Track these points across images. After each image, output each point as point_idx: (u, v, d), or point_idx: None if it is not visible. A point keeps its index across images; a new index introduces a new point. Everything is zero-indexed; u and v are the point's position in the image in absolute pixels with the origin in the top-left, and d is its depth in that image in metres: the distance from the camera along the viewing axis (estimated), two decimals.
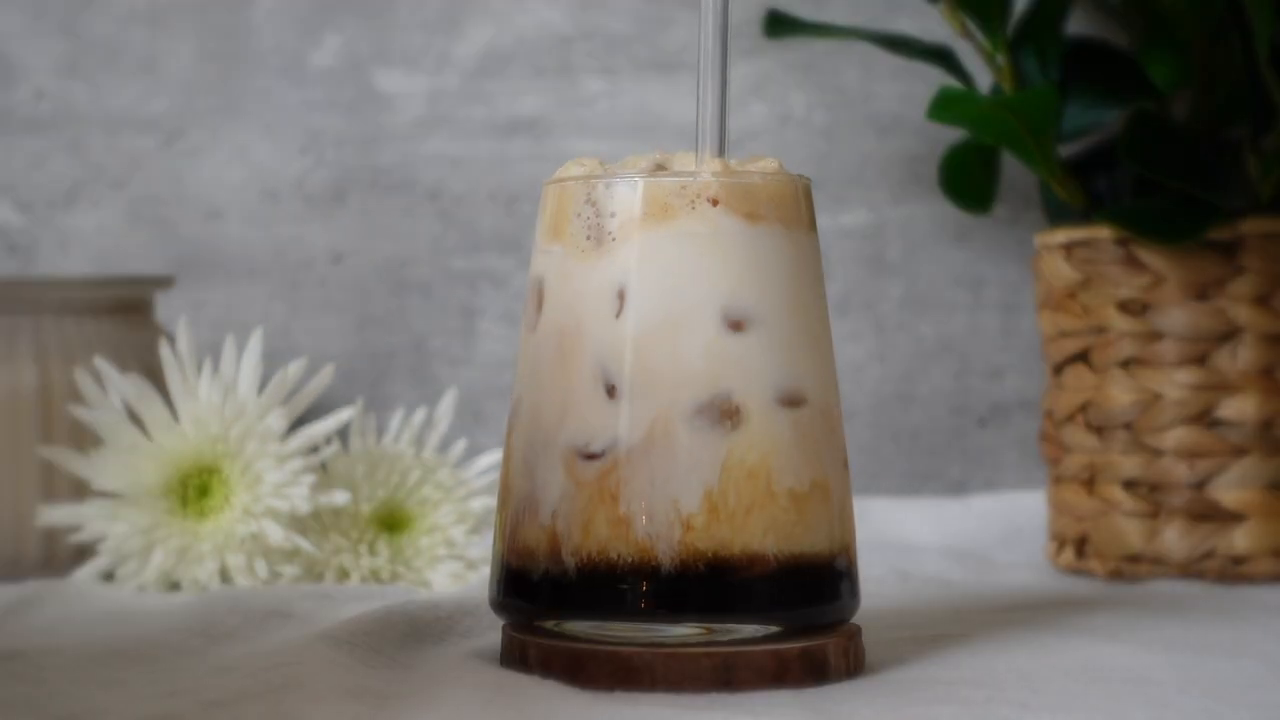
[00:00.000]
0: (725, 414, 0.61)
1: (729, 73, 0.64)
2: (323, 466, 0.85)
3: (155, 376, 0.86)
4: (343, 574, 0.84)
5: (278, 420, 0.83)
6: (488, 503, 0.86)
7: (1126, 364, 0.90)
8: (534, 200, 1.07)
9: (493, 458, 0.87)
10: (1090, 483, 0.91)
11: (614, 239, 0.62)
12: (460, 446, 0.89)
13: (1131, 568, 0.90)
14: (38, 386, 0.89)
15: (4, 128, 1.08)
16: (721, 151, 0.63)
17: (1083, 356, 0.92)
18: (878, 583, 0.83)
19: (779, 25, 1.00)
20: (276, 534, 0.81)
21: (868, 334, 1.08)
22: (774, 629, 0.62)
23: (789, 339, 0.62)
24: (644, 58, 1.08)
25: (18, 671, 0.63)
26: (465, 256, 1.08)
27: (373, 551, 0.84)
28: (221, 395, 0.84)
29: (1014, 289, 1.08)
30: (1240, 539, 0.88)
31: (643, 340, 0.61)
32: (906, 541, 1.00)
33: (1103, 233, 0.90)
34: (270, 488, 0.82)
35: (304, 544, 0.82)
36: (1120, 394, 0.90)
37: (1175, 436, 0.89)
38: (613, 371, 0.61)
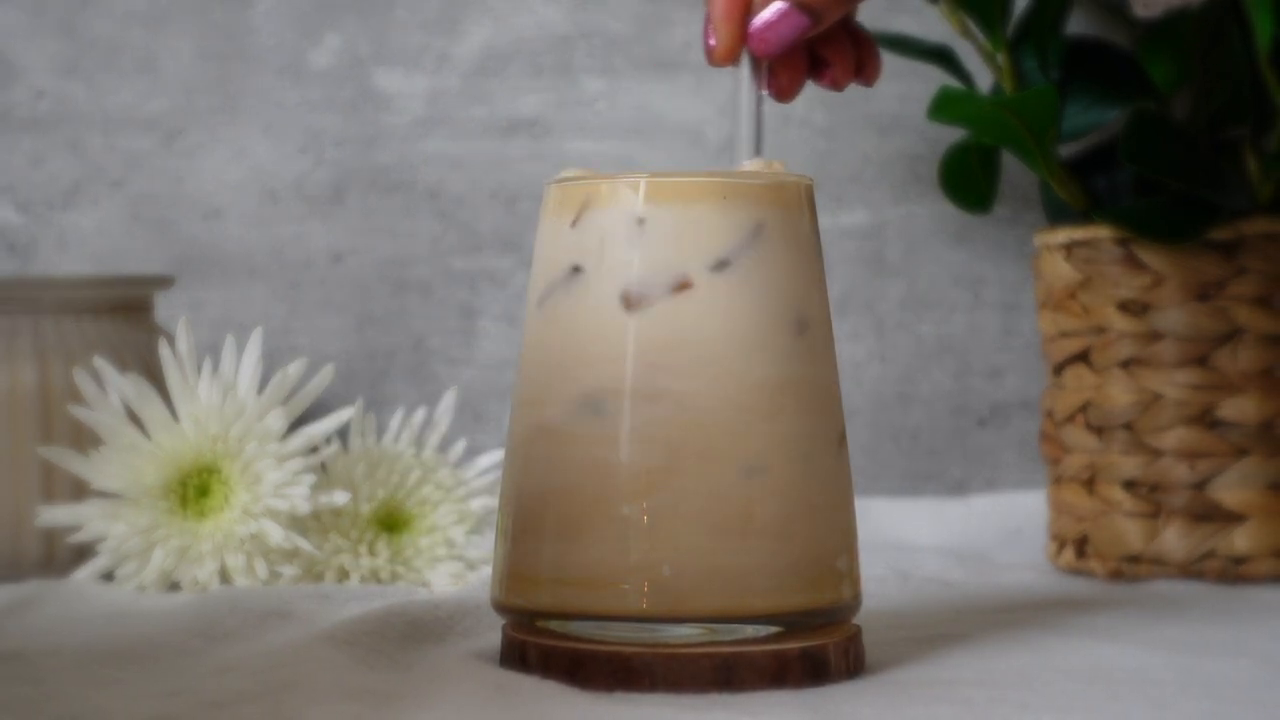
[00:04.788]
0: None
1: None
2: (322, 466, 0.85)
3: (155, 376, 0.86)
4: (342, 574, 0.84)
5: (277, 420, 0.83)
6: (488, 503, 0.86)
7: (1127, 364, 0.90)
8: (534, 200, 1.06)
9: (493, 457, 0.87)
10: (1090, 483, 0.91)
11: None
12: (460, 446, 0.88)
13: (1132, 568, 0.90)
14: (37, 386, 0.89)
15: (3, 127, 1.08)
16: (758, 153, 0.65)
17: (1083, 356, 0.92)
18: (878, 583, 0.83)
19: None
20: (276, 534, 0.81)
21: (868, 334, 1.08)
22: (774, 629, 0.62)
23: None
24: (644, 58, 1.08)
25: (17, 672, 0.63)
26: (465, 256, 1.08)
27: (372, 552, 0.84)
28: (221, 395, 0.84)
29: (1014, 289, 1.08)
30: (1241, 539, 0.88)
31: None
32: (907, 542, 1.00)
33: (1103, 233, 0.90)
34: (270, 488, 0.82)
35: (304, 544, 0.82)
36: (1120, 394, 0.90)
37: (1175, 437, 0.89)
38: None
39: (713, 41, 0.66)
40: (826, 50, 0.69)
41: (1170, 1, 0.61)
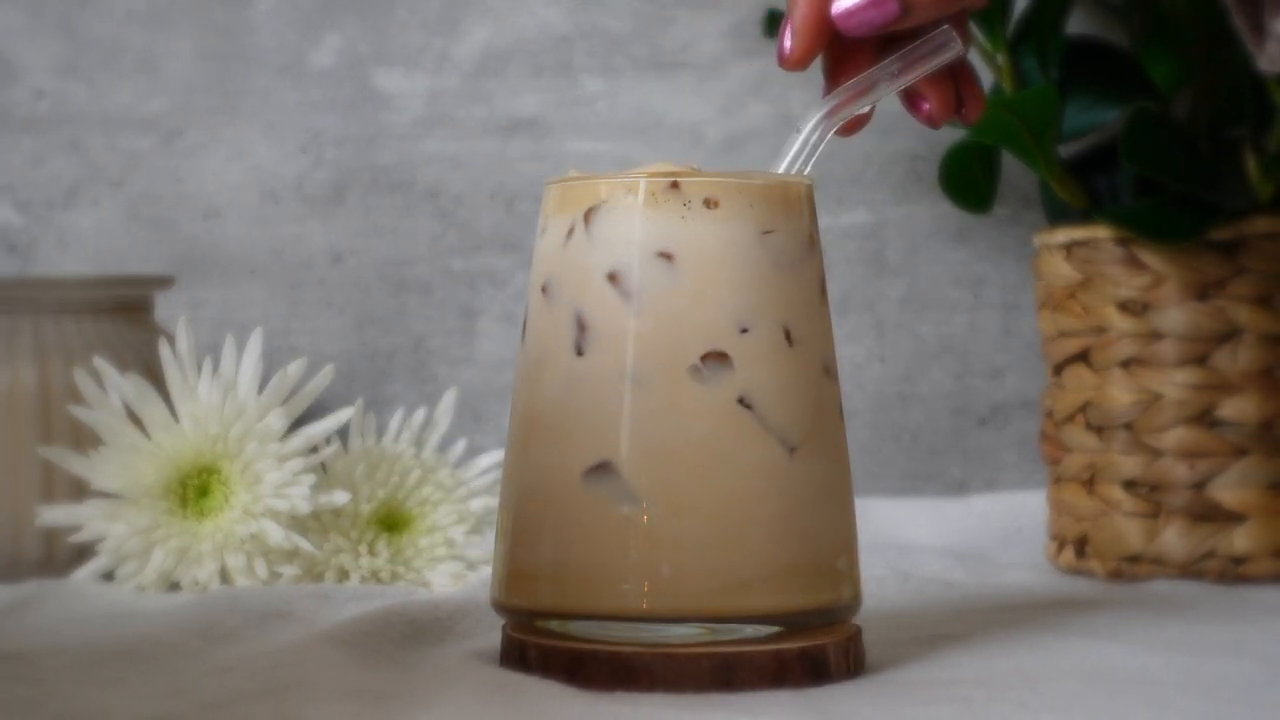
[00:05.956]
0: None
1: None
2: (322, 466, 0.85)
3: (155, 376, 0.86)
4: (342, 574, 0.84)
5: (277, 420, 0.83)
6: (488, 503, 0.86)
7: (1127, 364, 0.90)
8: (534, 200, 1.06)
9: (493, 457, 0.87)
10: (1090, 483, 0.91)
11: None
12: (460, 446, 0.88)
13: (1131, 568, 0.90)
14: (37, 386, 0.89)
15: (3, 127, 1.08)
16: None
17: (1083, 356, 0.92)
18: (878, 583, 0.83)
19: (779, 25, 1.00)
20: (276, 534, 0.81)
21: (868, 334, 1.08)
22: (774, 629, 0.62)
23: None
24: (644, 57, 1.08)
25: (17, 672, 0.63)
26: (465, 256, 1.08)
27: (372, 552, 0.84)
28: (221, 395, 0.84)
29: (1014, 289, 1.08)
30: (1240, 539, 0.88)
31: None
32: (907, 542, 1.00)
33: (1103, 232, 0.90)
34: (270, 488, 0.82)
35: (304, 544, 0.82)
36: (1120, 394, 0.90)
37: (1175, 436, 0.89)
38: None
39: (788, 45, 0.65)
40: (924, 85, 0.67)
41: None
